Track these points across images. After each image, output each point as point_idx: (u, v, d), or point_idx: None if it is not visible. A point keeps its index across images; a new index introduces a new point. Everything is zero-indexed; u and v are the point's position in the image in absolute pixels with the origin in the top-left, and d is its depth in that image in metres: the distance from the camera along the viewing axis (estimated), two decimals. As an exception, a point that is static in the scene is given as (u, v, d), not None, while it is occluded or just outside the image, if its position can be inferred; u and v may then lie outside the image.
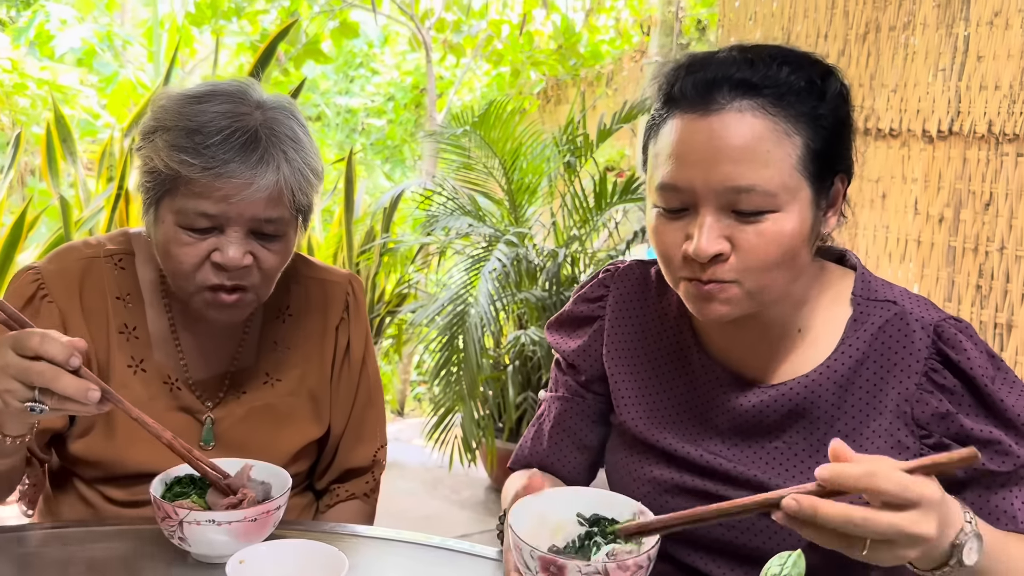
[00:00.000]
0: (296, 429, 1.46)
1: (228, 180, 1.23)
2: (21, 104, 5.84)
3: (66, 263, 1.39)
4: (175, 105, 1.28)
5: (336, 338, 1.51)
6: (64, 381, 1.03)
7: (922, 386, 1.15)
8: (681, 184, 1.09)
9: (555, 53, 6.66)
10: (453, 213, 3.80)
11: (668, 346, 1.30)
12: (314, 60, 6.18)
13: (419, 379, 5.39)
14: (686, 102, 1.09)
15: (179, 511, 1.06)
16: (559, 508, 1.08)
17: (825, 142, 1.10)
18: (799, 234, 1.09)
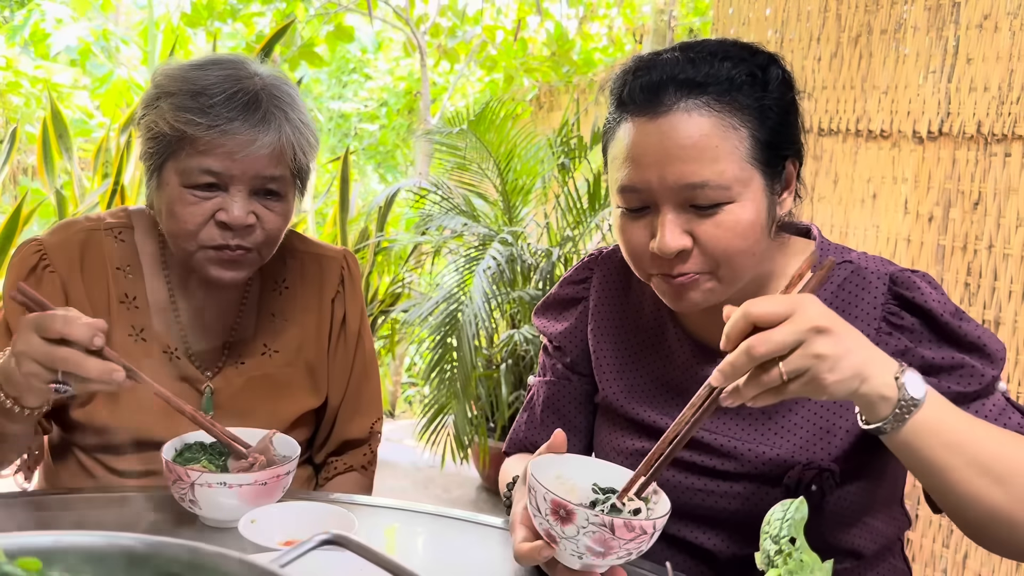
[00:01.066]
0: (293, 399, 1.48)
1: (232, 137, 1.27)
2: (15, 103, 5.85)
3: (67, 235, 1.41)
4: (178, 72, 1.32)
5: (332, 311, 1.54)
6: (89, 365, 1.06)
7: (881, 330, 1.20)
8: (639, 185, 1.13)
9: (548, 60, 6.70)
10: (448, 213, 3.83)
11: (647, 324, 1.35)
12: (308, 63, 6.21)
13: (409, 381, 5.40)
14: (635, 106, 1.14)
15: (191, 473, 1.07)
16: (578, 474, 1.11)
17: (772, 131, 1.14)
18: (756, 221, 1.14)
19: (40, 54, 6.17)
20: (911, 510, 2.58)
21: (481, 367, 3.72)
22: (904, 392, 0.98)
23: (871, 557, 1.27)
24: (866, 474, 1.22)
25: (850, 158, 2.80)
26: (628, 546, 0.97)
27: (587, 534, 0.96)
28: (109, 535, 0.56)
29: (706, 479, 1.25)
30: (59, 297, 1.37)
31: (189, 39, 6.11)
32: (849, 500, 1.22)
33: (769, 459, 1.21)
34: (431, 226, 3.83)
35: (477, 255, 3.62)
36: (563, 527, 0.97)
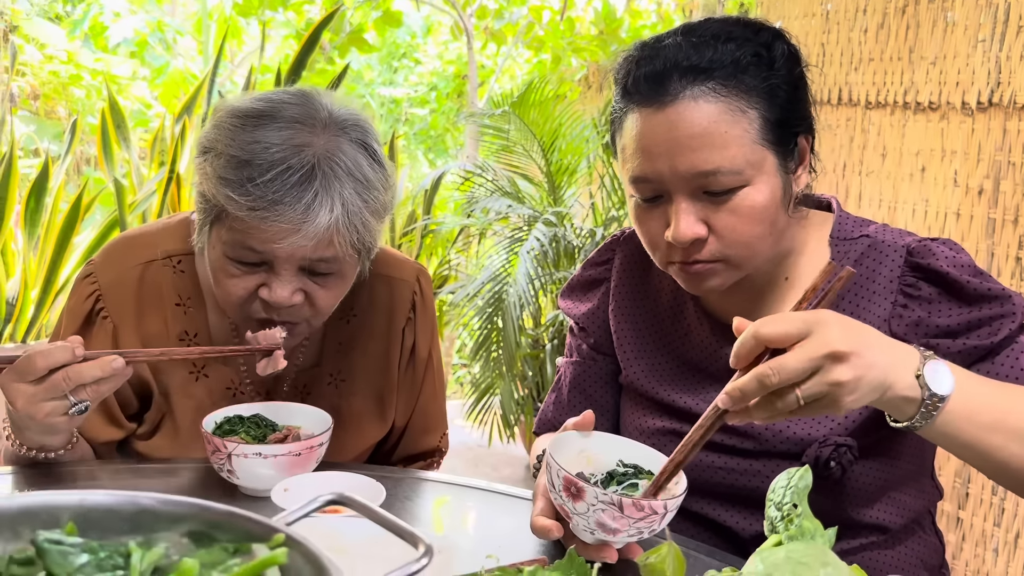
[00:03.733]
0: (360, 429, 1.44)
1: (274, 224, 1.14)
2: (76, 95, 6.05)
3: (122, 270, 1.34)
4: (231, 124, 1.20)
5: (402, 339, 1.47)
6: (87, 369, 1.06)
7: (897, 303, 1.19)
8: (650, 176, 1.13)
9: (596, 39, 6.66)
10: (492, 195, 3.86)
11: (666, 304, 1.36)
12: (358, 49, 6.28)
13: (460, 362, 5.47)
14: (640, 96, 1.12)
15: (228, 444, 1.13)
16: (602, 450, 1.13)
17: (781, 109, 1.13)
18: (772, 202, 1.13)
19: (99, 47, 6.36)
20: (961, 488, 2.54)
21: (527, 347, 3.75)
22: (927, 391, 0.96)
23: (898, 531, 1.26)
24: (887, 449, 1.22)
25: (898, 131, 2.75)
26: (638, 524, 0.98)
27: (597, 511, 0.98)
28: (130, 494, 0.60)
29: (727, 457, 1.26)
30: (108, 343, 1.31)
31: (241, 29, 6.23)
32: (871, 475, 1.22)
33: (788, 437, 1.21)
34: (476, 208, 3.87)
35: (522, 236, 3.64)
36: (575, 503, 0.99)
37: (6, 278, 3.51)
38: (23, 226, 3.53)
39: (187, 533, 0.59)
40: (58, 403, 1.06)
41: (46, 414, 1.06)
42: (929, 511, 1.36)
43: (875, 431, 1.20)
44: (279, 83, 3.53)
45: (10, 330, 3.53)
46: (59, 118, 6.19)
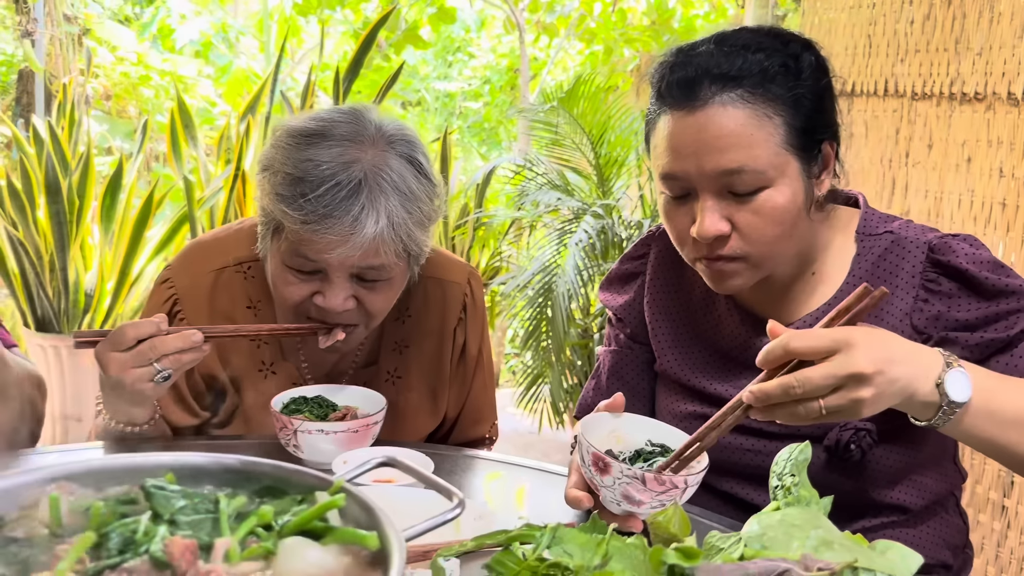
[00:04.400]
0: (414, 423, 1.54)
1: (324, 236, 1.24)
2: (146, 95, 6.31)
3: (197, 276, 1.46)
4: (287, 143, 1.31)
5: (454, 338, 1.56)
6: (169, 341, 1.20)
7: (918, 297, 1.26)
8: (679, 174, 1.21)
9: (648, 29, 6.68)
10: (542, 188, 3.95)
11: (699, 296, 1.44)
12: (413, 46, 6.43)
13: (512, 352, 5.58)
14: (672, 100, 1.21)
15: (295, 422, 1.26)
16: (632, 430, 1.22)
17: (806, 117, 1.20)
18: (793, 204, 1.21)
19: (167, 48, 6.62)
20: (1007, 476, 2.56)
21: (575, 336, 3.84)
22: (946, 398, 1.03)
23: (919, 512, 1.33)
24: (908, 435, 1.28)
25: (944, 122, 2.76)
26: (661, 497, 1.07)
27: (622, 484, 1.07)
28: (217, 456, 0.73)
29: (754, 439, 1.34)
30: None
31: (300, 28, 6.42)
32: (892, 458, 1.28)
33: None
34: (527, 201, 3.96)
35: (571, 228, 3.73)
36: (602, 477, 1.09)
37: (84, 271, 3.73)
38: (99, 221, 3.75)
39: (262, 487, 0.71)
40: (144, 370, 1.19)
41: (134, 379, 1.19)
42: (953, 493, 1.41)
43: (895, 418, 1.26)
44: (338, 82, 3.66)
45: (88, 320, 3.76)
46: (130, 117, 6.47)
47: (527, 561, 0.76)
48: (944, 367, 1.04)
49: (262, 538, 0.64)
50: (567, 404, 3.75)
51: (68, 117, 3.84)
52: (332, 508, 0.65)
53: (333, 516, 0.66)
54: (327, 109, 1.38)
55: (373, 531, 0.63)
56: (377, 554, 0.63)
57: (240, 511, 0.68)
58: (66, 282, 3.64)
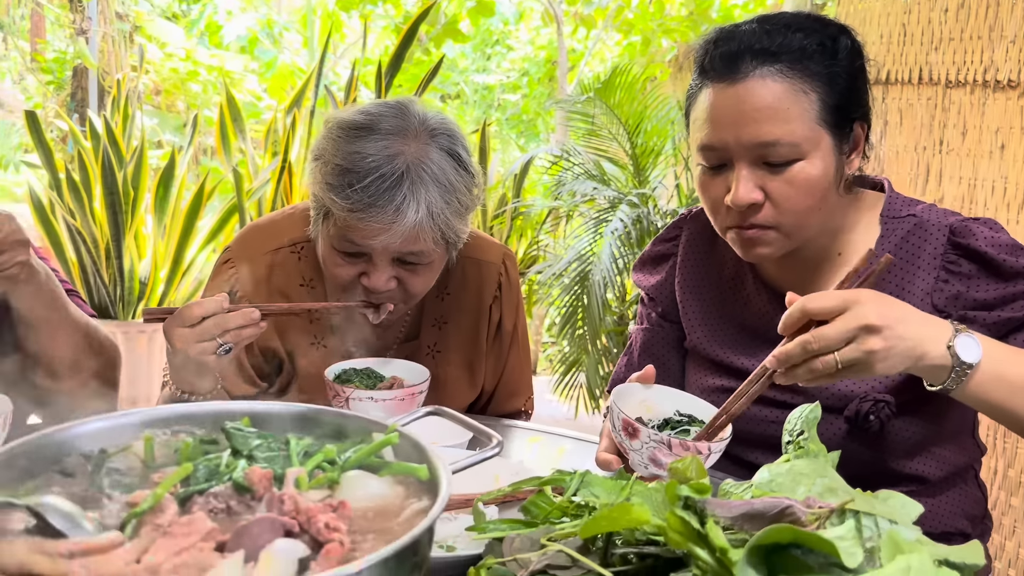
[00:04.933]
0: (454, 394, 1.63)
1: (368, 223, 1.35)
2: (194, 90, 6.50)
3: (255, 257, 1.57)
4: (337, 136, 1.41)
5: (490, 315, 1.66)
6: (230, 318, 1.30)
7: (939, 278, 1.32)
8: (717, 144, 1.28)
9: (687, 19, 6.69)
10: (579, 177, 4.02)
11: (728, 275, 1.50)
12: (452, 39, 6.52)
13: (549, 340, 5.67)
14: (715, 73, 1.28)
15: (346, 390, 1.36)
16: (662, 401, 1.30)
17: (840, 95, 1.26)
18: (824, 177, 1.27)
19: (214, 44, 6.81)
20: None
21: (611, 324, 3.92)
22: (957, 360, 1.10)
23: (938, 482, 1.38)
24: (927, 408, 1.33)
25: (978, 109, 2.78)
26: None
27: (650, 448, 1.15)
28: (286, 404, 0.83)
29: (778, 411, 1.40)
30: None
31: (343, 23, 6.55)
32: (911, 430, 1.34)
33: (832, 393, 1.34)
34: (563, 191, 4.04)
35: (607, 217, 3.80)
36: (631, 441, 1.17)
37: (139, 259, 3.90)
38: (153, 212, 3.91)
39: (326, 432, 0.81)
40: (208, 344, 1.30)
41: (198, 353, 1.30)
42: (972, 466, 1.46)
43: (912, 390, 1.32)
44: (380, 76, 3.77)
45: (143, 306, 3.93)
46: (178, 112, 6.67)
47: (558, 503, 0.85)
48: (954, 332, 1.11)
49: (327, 471, 0.74)
50: (603, 391, 3.83)
51: (122, 112, 4.00)
52: (388, 445, 0.74)
53: (388, 453, 0.76)
54: (375, 102, 1.47)
55: (423, 464, 0.73)
56: (427, 483, 0.73)
57: (307, 450, 0.78)
58: (121, 270, 3.81)
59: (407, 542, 0.59)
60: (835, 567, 0.67)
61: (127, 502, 0.69)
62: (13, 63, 7.70)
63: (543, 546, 0.77)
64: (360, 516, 0.69)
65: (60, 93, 6.74)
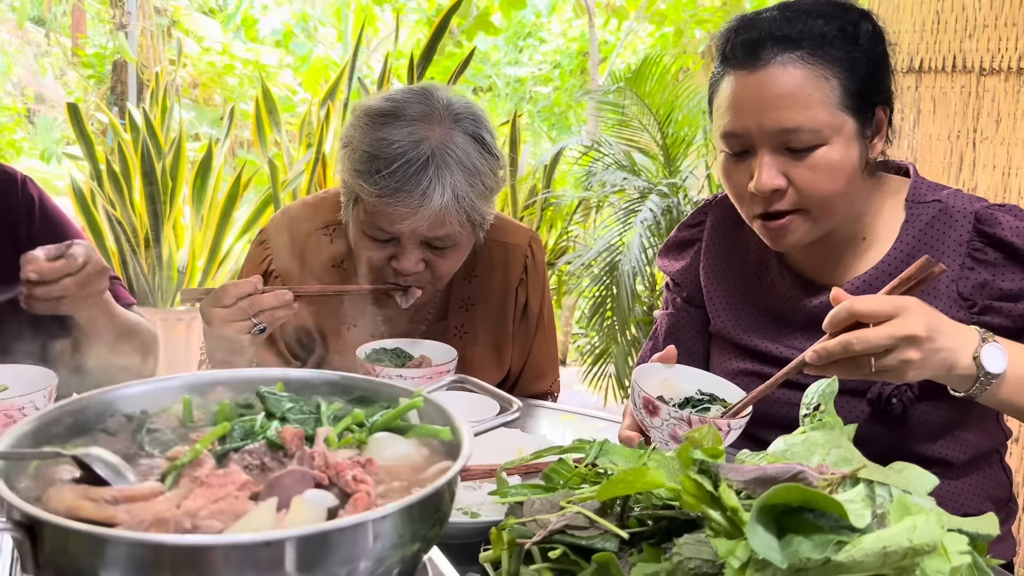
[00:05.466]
0: (480, 376, 1.57)
1: (396, 208, 1.39)
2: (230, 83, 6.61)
3: (289, 239, 1.62)
4: (364, 123, 1.45)
5: (516, 297, 1.70)
6: (264, 299, 1.35)
7: (964, 265, 1.32)
8: (739, 131, 1.29)
9: (720, 10, 6.65)
10: (609, 168, 4.03)
11: (753, 260, 1.52)
12: (484, 32, 6.55)
13: (579, 332, 5.69)
14: (736, 60, 1.29)
15: (377, 368, 1.40)
16: (684, 380, 1.32)
17: (862, 80, 1.27)
18: (847, 162, 1.28)
19: (249, 38, 6.91)
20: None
21: (641, 314, 3.93)
22: (982, 371, 1.11)
23: (962, 466, 1.39)
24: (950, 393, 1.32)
25: (1012, 97, 2.75)
26: None
27: (669, 425, 1.18)
28: (318, 371, 0.87)
29: (797, 393, 1.41)
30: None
31: (376, 16, 6.62)
32: (934, 414, 1.35)
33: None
34: (594, 181, 4.05)
35: (636, 207, 3.81)
36: (652, 419, 1.19)
37: (177, 248, 3.98)
38: (191, 203, 4.00)
39: (355, 398, 0.85)
40: (242, 323, 1.35)
41: (234, 332, 1.36)
42: (997, 450, 1.47)
43: None
44: (412, 69, 3.81)
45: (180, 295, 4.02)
46: (215, 105, 6.78)
47: (578, 470, 0.88)
48: (980, 342, 1.12)
49: (355, 433, 0.78)
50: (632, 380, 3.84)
51: (160, 105, 4.09)
52: (413, 408, 0.78)
53: (413, 417, 0.79)
54: (400, 89, 1.52)
55: (447, 427, 0.76)
56: (450, 446, 0.76)
57: (337, 414, 0.81)
58: (160, 259, 3.90)
59: (430, 492, 0.62)
60: (844, 529, 0.69)
61: (167, 457, 0.73)
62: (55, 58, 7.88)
63: (562, 508, 0.80)
64: (386, 473, 0.72)
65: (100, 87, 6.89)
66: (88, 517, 0.62)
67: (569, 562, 0.76)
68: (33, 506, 0.61)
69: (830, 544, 0.66)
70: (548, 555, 0.76)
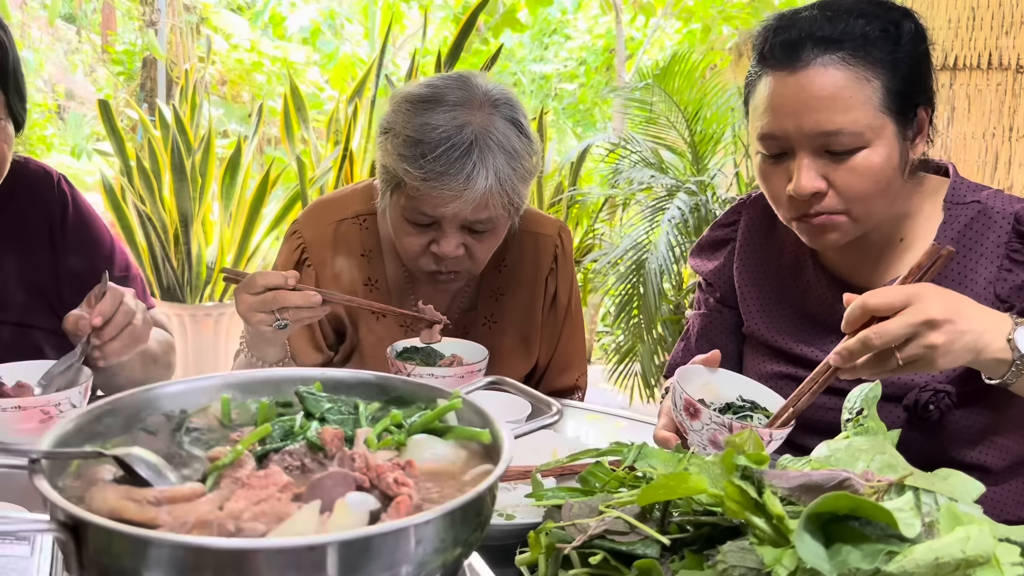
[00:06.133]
0: (510, 364, 1.67)
1: (441, 192, 1.40)
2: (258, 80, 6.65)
3: (322, 227, 1.65)
4: (405, 109, 1.46)
5: (545, 287, 1.72)
6: (291, 296, 1.35)
7: (1003, 267, 1.29)
8: (777, 133, 1.26)
9: (748, 6, 6.58)
10: (636, 166, 4.01)
11: (789, 261, 1.49)
12: (511, 28, 6.54)
13: (604, 330, 5.67)
14: (775, 61, 1.26)
15: (408, 366, 1.40)
16: (725, 385, 1.31)
17: (903, 81, 1.24)
18: (888, 165, 1.25)
19: (277, 35, 6.95)
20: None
21: (667, 312, 3.90)
22: (1018, 352, 1.08)
23: (1000, 472, 1.36)
24: (988, 398, 1.31)
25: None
26: None
27: (709, 430, 1.16)
28: (356, 371, 0.86)
29: (838, 398, 1.39)
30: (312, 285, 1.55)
31: (403, 14, 6.63)
32: (972, 419, 1.32)
33: (892, 382, 1.32)
34: (620, 179, 4.03)
35: (664, 205, 3.79)
36: (692, 422, 1.18)
37: (206, 245, 4.01)
38: (220, 199, 4.02)
39: (393, 398, 0.85)
40: (266, 316, 1.36)
41: (256, 322, 1.36)
42: None
43: (974, 380, 1.28)
44: (439, 66, 3.81)
45: (209, 291, 4.05)
46: (243, 102, 6.82)
47: (616, 473, 0.87)
48: (1014, 325, 1.09)
49: (394, 434, 0.77)
50: (658, 379, 3.82)
51: (189, 102, 4.12)
52: (452, 410, 0.77)
53: (451, 418, 0.79)
54: (438, 76, 1.53)
55: (486, 429, 0.76)
56: (489, 448, 0.75)
57: (374, 415, 0.81)
58: (189, 255, 3.93)
59: (473, 496, 0.62)
60: (892, 538, 0.68)
61: (208, 457, 0.73)
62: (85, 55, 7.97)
63: (601, 513, 0.79)
64: (425, 476, 0.72)
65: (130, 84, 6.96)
66: (131, 518, 0.62)
67: (609, 568, 0.75)
68: (77, 507, 0.61)
69: (880, 554, 0.65)
70: (588, 560, 0.76)
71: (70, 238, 1.61)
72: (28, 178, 1.60)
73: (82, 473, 0.71)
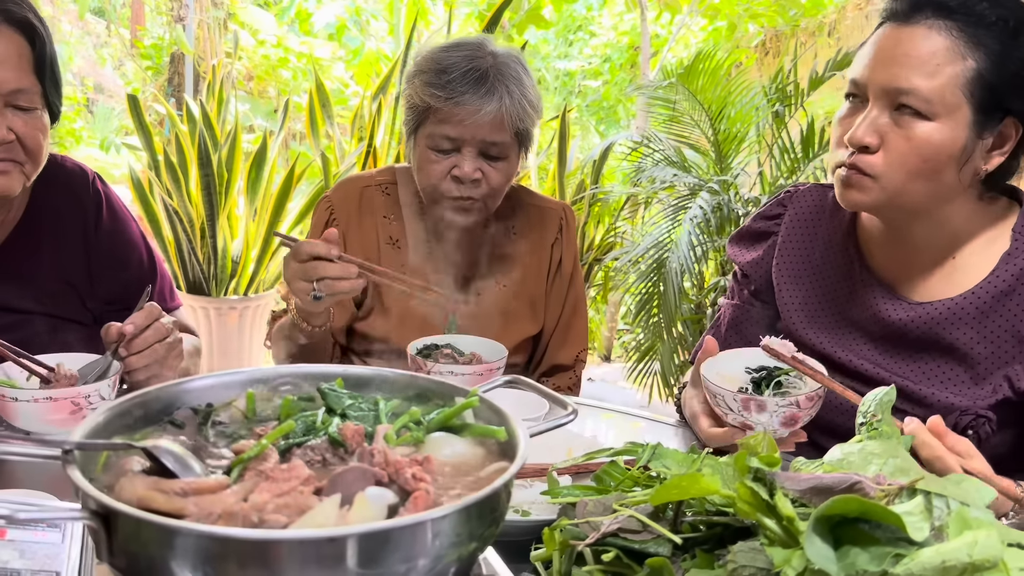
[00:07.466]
0: (518, 325, 1.83)
1: (462, 108, 1.61)
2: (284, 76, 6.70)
3: (347, 191, 1.85)
4: (430, 53, 1.69)
5: (551, 253, 1.88)
6: (330, 268, 1.44)
7: None
8: (860, 80, 1.28)
9: (774, 4, 6.55)
10: (658, 164, 4.01)
11: (834, 260, 1.47)
12: (535, 25, 6.55)
13: (624, 328, 5.67)
14: (895, 13, 1.27)
15: (429, 363, 1.42)
16: (730, 365, 1.33)
17: (1000, 77, 1.21)
18: (946, 149, 1.22)
19: (303, 31, 7.00)
20: None
21: (688, 312, 3.90)
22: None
23: None
24: None
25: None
26: (810, 411, 1.21)
27: (779, 414, 1.20)
28: (377, 369, 0.88)
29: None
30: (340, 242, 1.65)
31: (428, 10, 6.65)
32: (1009, 445, 1.31)
33: (933, 403, 1.32)
34: (643, 177, 4.03)
35: (686, 204, 3.78)
36: (758, 415, 1.20)
37: (232, 239, 4.06)
38: (245, 194, 4.07)
39: (412, 395, 0.87)
40: (305, 284, 1.45)
41: (296, 290, 1.47)
42: None
43: (1013, 407, 1.29)
44: (463, 62, 3.82)
45: (234, 285, 4.10)
46: (269, 98, 6.88)
47: (630, 472, 0.88)
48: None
49: (412, 431, 0.79)
50: (677, 378, 3.82)
51: (216, 97, 4.17)
52: (469, 407, 0.79)
53: (469, 416, 0.80)
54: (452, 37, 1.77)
55: (502, 427, 0.77)
56: (505, 446, 0.77)
57: (394, 411, 0.83)
58: (215, 249, 3.98)
59: (489, 492, 0.64)
60: (902, 541, 0.69)
61: (233, 450, 0.75)
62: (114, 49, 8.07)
63: (615, 511, 0.80)
64: (443, 472, 0.74)
65: (158, 78, 7.04)
66: (159, 508, 0.65)
67: (621, 565, 0.77)
68: (107, 496, 0.63)
69: (887, 557, 0.65)
70: (601, 557, 0.77)
71: (103, 237, 1.67)
72: (65, 176, 1.66)
73: (111, 464, 0.74)
